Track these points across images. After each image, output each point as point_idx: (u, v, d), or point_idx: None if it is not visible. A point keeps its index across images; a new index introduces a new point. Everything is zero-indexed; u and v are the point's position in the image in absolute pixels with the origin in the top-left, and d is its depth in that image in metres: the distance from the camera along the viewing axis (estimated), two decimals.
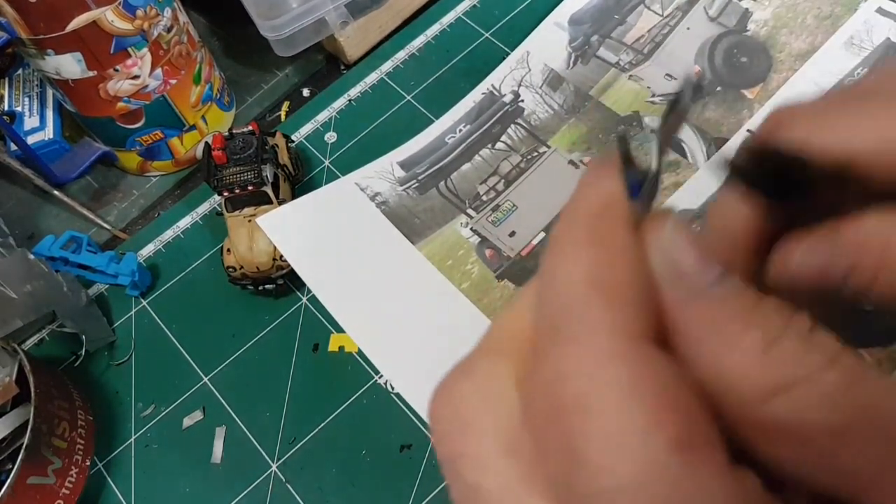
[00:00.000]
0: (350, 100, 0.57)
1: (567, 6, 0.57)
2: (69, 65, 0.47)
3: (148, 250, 0.52)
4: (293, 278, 0.48)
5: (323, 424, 0.45)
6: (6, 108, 0.57)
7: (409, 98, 0.56)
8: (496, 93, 0.54)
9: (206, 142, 0.50)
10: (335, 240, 0.48)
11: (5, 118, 0.55)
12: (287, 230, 0.47)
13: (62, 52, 0.46)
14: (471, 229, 0.49)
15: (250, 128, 0.48)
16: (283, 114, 0.59)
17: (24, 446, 0.39)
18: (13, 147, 0.53)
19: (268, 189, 0.47)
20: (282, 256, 0.46)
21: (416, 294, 0.46)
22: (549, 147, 0.51)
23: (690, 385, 0.13)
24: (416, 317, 0.45)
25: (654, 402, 0.12)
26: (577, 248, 0.14)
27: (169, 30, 0.50)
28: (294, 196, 0.51)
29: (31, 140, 0.55)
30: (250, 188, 0.47)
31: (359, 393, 0.45)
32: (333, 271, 0.47)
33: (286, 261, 0.46)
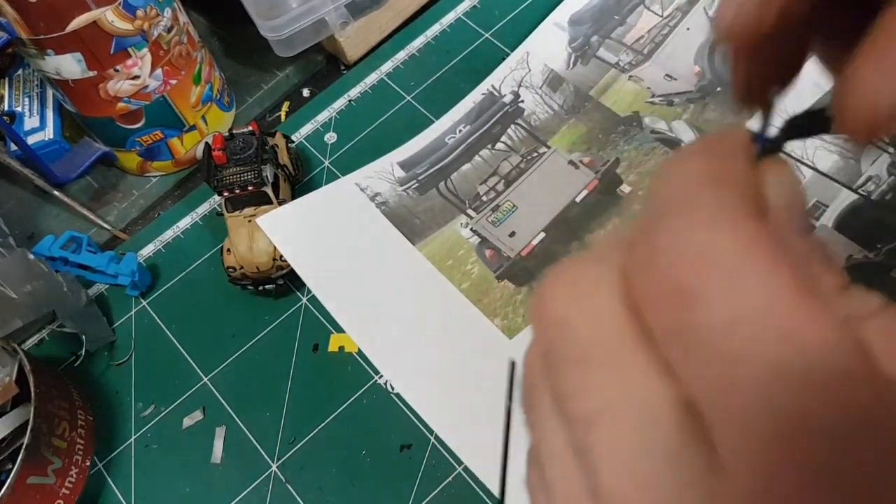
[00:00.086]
0: (350, 100, 0.57)
1: (567, 6, 0.57)
2: (69, 65, 0.47)
3: (148, 250, 0.52)
4: (293, 278, 0.48)
5: (323, 424, 0.45)
6: (6, 108, 0.57)
7: (409, 98, 0.56)
8: (496, 93, 0.54)
9: (207, 142, 0.50)
10: (335, 240, 0.48)
11: (5, 118, 0.55)
12: (287, 230, 0.47)
13: (62, 53, 0.46)
14: (471, 229, 0.49)
15: (250, 128, 0.48)
16: (283, 114, 0.59)
17: (24, 446, 0.39)
18: (13, 147, 0.53)
19: (268, 189, 0.47)
20: (282, 256, 0.46)
21: (416, 294, 0.46)
22: (549, 147, 0.51)
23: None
24: (417, 317, 0.45)
25: (772, 252, 0.12)
26: (694, 154, 0.14)
27: (169, 30, 0.50)
28: (294, 196, 0.51)
29: (31, 140, 0.55)
30: (250, 188, 0.47)
31: (359, 393, 0.45)
32: (333, 271, 0.47)
33: (286, 261, 0.46)
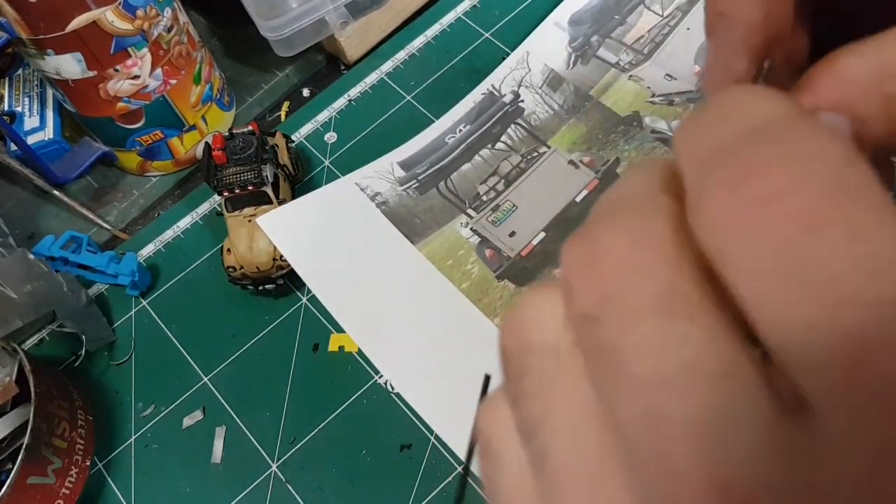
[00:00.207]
0: (350, 100, 0.57)
1: (567, 6, 0.57)
2: (69, 65, 0.47)
3: (148, 250, 0.52)
4: (293, 278, 0.48)
5: (323, 424, 0.45)
6: (6, 108, 0.57)
7: (409, 98, 0.56)
8: (496, 93, 0.54)
9: (206, 142, 0.50)
10: (335, 240, 0.48)
11: (5, 118, 0.55)
12: (287, 230, 0.47)
13: (62, 52, 0.46)
14: (471, 229, 0.49)
15: (250, 128, 0.48)
16: (283, 114, 0.59)
17: (24, 446, 0.39)
18: (13, 147, 0.53)
19: (268, 189, 0.47)
20: (282, 256, 0.46)
21: (416, 294, 0.46)
22: (549, 147, 0.51)
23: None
24: (416, 317, 0.45)
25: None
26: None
27: (169, 30, 0.50)
28: (294, 196, 0.51)
29: (31, 140, 0.55)
30: (250, 188, 0.47)
31: (359, 393, 0.45)
32: (333, 271, 0.47)
33: (286, 261, 0.46)
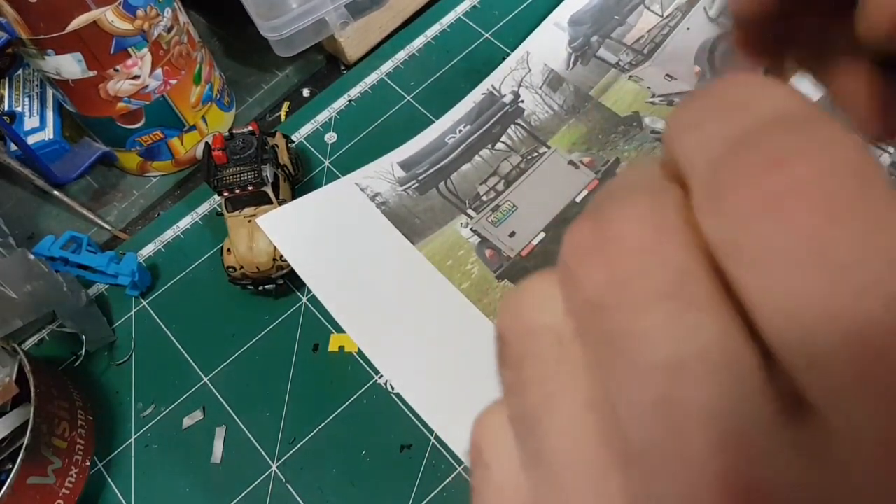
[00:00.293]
0: (350, 100, 0.57)
1: (567, 6, 0.57)
2: (69, 65, 0.47)
3: (148, 250, 0.52)
4: (293, 278, 0.48)
5: (323, 424, 0.45)
6: (6, 108, 0.57)
7: (409, 98, 0.56)
8: (496, 93, 0.54)
9: (207, 142, 0.50)
10: (335, 240, 0.48)
11: (5, 118, 0.55)
12: (287, 230, 0.47)
13: (62, 53, 0.46)
14: (471, 229, 0.49)
15: (250, 128, 0.48)
16: (283, 114, 0.59)
17: (24, 446, 0.39)
18: (13, 147, 0.53)
19: (268, 189, 0.47)
20: (282, 256, 0.46)
21: (416, 294, 0.46)
22: (549, 147, 0.51)
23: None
24: (416, 317, 0.45)
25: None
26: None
27: (169, 30, 0.50)
28: (294, 196, 0.51)
29: (31, 140, 0.55)
30: (250, 188, 0.47)
31: (359, 393, 0.45)
32: (333, 271, 0.47)
33: (286, 261, 0.46)
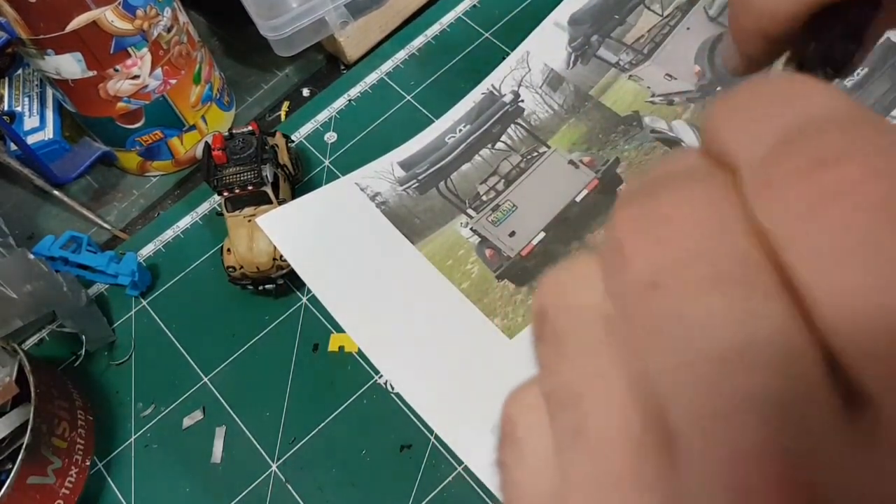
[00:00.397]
0: (350, 100, 0.57)
1: (567, 6, 0.57)
2: (69, 65, 0.47)
3: (148, 250, 0.52)
4: (293, 278, 0.48)
5: (323, 424, 0.45)
6: (6, 108, 0.57)
7: (409, 98, 0.56)
8: (496, 93, 0.54)
9: (206, 142, 0.50)
10: (335, 240, 0.48)
11: (5, 118, 0.55)
12: (287, 230, 0.47)
13: (62, 52, 0.46)
14: (471, 229, 0.49)
15: (250, 128, 0.48)
16: (283, 114, 0.59)
17: (24, 446, 0.39)
18: (13, 147, 0.53)
19: (268, 189, 0.47)
20: (282, 256, 0.46)
21: (416, 294, 0.46)
22: (549, 147, 0.51)
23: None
24: (416, 317, 0.45)
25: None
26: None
27: (169, 30, 0.50)
28: (294, 196, 0.51)
29: (31, 140, 0.55)
30: (250, 188, 0.47)
31: (359, 393, 0.45)
32: (333, 271, 0.47)
33: (286, 261, 0.46)
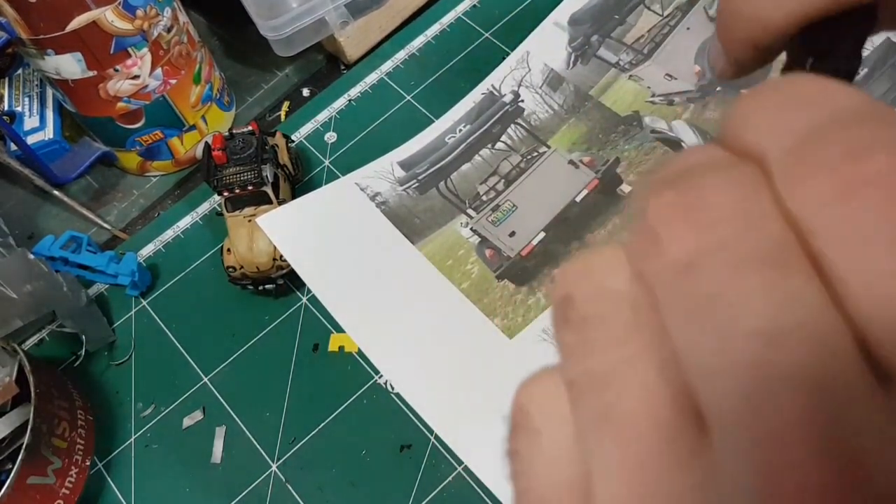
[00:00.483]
0: (350, 100, 0.57)
1: (567, 6, 0.57)
2: (69, 65, 0.47)
3: (148, 250, 0.52)
4: (293, 278, 0.48)
5: (323, 424, 0.45)
6: (6, 108, 0.57)
7: (409, 98, 0.56)
8: (496, 93, 0.54)
9: (206, 142, 0.50)
10: (335, 240, 0.48)
11: (5, 118, 0.55)
12: (287, 230, 0.47)
13: (62, 52, 0.46)
14: (471, 229, 0.49)
15: (250, 128, 0.48)
16: (283, 114, 0.59)
17: (24, 446, 0.39)
18: (13, 147, 0.53)
19: (268, 189, 0.47)
20: (282, 256, 0.46)
21: (416, 294, 0.46)
22: (549, 147, 0.51)
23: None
24: (416, 317, 0.45)
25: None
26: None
27: (169, 30, 0.50)
28: (294, 196, 0.51)
29: (31, 140, 0.55)
30: (250, 188, 0.47)
31: (359, 393, 0.45)
32: (333, 271, 0.47)
33: (286, 261, 0.46)
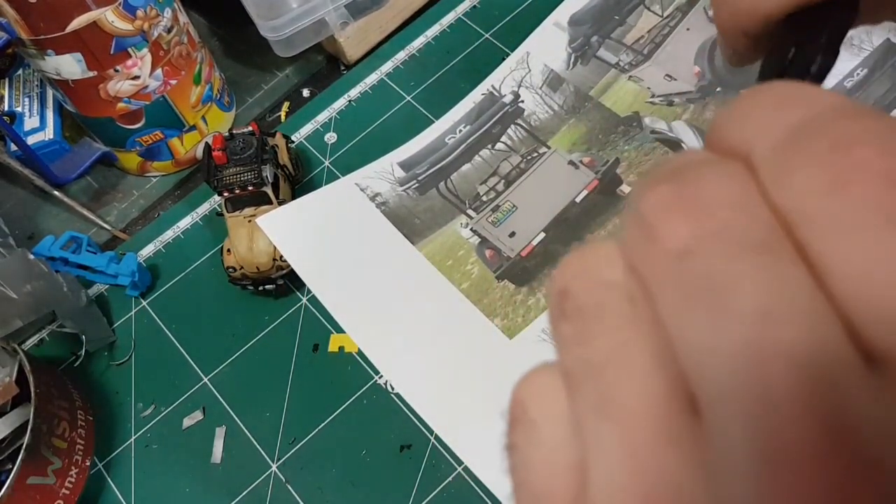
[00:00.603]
0: (350, 100, 0.57)
1: (567, 7, 0.57)
2: (69, 65, 0.47)
3: (148, 250, 0.52)
4: (293, 278, 0.48)
5: (323, 424, 0.45)
6: (6, 109, 0.57)
7: (409, 98, 0.56)
8: (496, 93, 0.54)
9: (207, 142, 0.50)
10: (335, 240, 0.48)
11: (5, 118, 0.55)
12: (287, 230, 0.47)
13: (62, 53, 0.46)
14: (471, 230, 0.49)
15: (250, 128, 0.48)
16: (283, 114, 0.59)
17: (24, 446, 0.39)
18: (13, 147, 0.53)
19: (268, 189, 0.47)
20: (282, 256, 0.46)
21: (416, 294, 0.46)
22: (549, 147, 0.51)
23: None
24: (416, 317, 0.45)
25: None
26: None
27: (169, 30, 0.50)
28: (294, 196, 0.51)
29: (31, 140, 0.55)
30: (250, 188, 0.47)
31: (359, 393, 0.45)
32: (333, 271, 0.47)
33: (286, 261, 0.46)
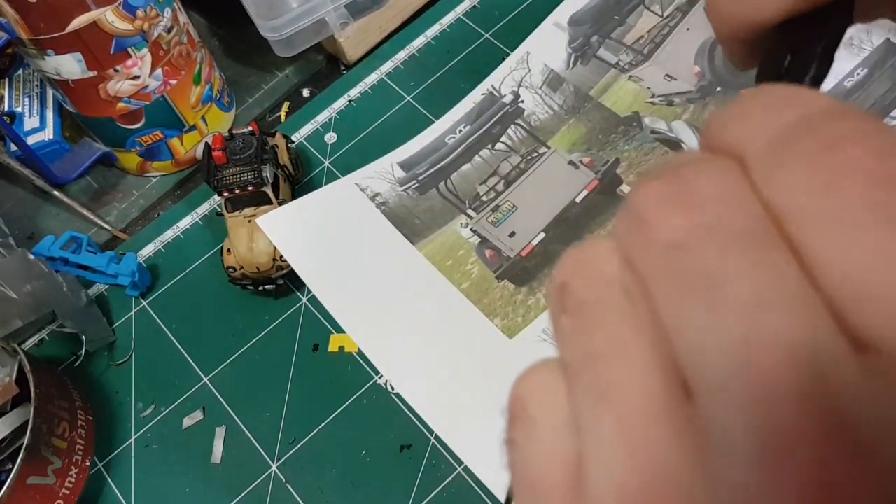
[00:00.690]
0: (350, 100, 0.57)
1: (567, 7, 0.57)
2: (69, 65, 0.47)
3: (148, 250, 0.52)
4: (293, 278, 0.48)
5: (323, 424, 0.45)
6: (6, 109, 0.57)
7: (409, 98, 0.56)
8: (496, 93, 0.54)
9: (207, 142, 0.50)
10: (335, 240, 0.48)
11: (5, 118, 0.55)
12: (287, 230, 0.47)
13: (62, 53, 0.46)
14: (471, 229, 0.49)
15: (250, 128, 0.48)
16: (283, 114, 0.59)
17: (24, 446, 0.39)
18: (13, 147, 0.53)
19: (268, 189, 0.47)
20: (282, 256, 0.46)
21: (416, 294, 0.46)
22: (549, 147, 0.51)
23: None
24: (416, 317, 0.45)
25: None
26: None
27: (169, 30, 0.50)
28: (294, 196, 0.51)
29: (31, 140, 0.55)
30: (250, 188, 0.47)
31: (359, 393, 0.45)
32: (333, 271, 0.47)
33: (286, 261, 0.46)
